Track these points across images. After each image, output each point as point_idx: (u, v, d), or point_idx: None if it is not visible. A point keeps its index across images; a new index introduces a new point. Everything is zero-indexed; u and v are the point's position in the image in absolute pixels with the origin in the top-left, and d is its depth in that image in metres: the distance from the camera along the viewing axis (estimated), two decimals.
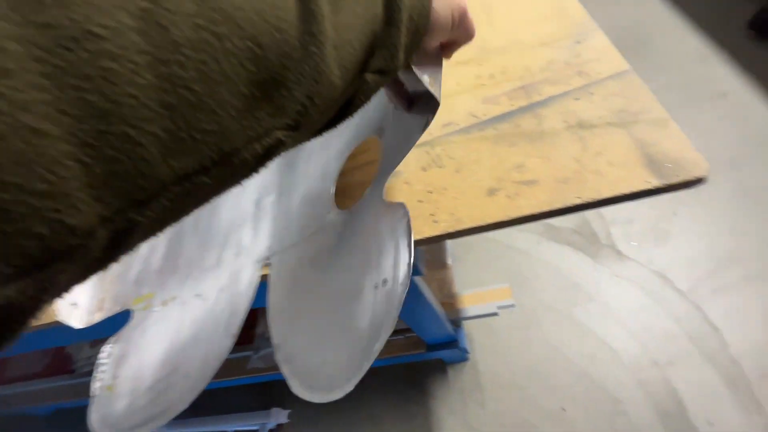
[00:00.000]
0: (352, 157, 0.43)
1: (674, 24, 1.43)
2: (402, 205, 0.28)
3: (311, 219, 0.40)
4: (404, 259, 0.26)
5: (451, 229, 0.36)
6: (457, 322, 0.88)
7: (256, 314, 1.00)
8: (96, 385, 0.38)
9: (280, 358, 0.32)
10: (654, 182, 0.32)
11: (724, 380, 0.83)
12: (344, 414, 1.03)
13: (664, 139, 0.34)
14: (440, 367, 1.03)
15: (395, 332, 0.91)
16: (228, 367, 0.97)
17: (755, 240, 0.97)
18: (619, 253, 1.06)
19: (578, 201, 0.34)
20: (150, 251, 0.48)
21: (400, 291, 0.25)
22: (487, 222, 0.35)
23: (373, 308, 0.26)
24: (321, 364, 0.28)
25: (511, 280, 1.09)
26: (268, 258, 0.41)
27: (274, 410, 1.04)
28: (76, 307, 0.45)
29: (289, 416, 1.05)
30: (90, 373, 0.41)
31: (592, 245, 1.09)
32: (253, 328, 1.00)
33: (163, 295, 0.43)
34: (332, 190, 0.40)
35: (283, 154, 0.46)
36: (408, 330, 0.88)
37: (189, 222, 0.49)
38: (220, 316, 0.40)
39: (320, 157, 0.44)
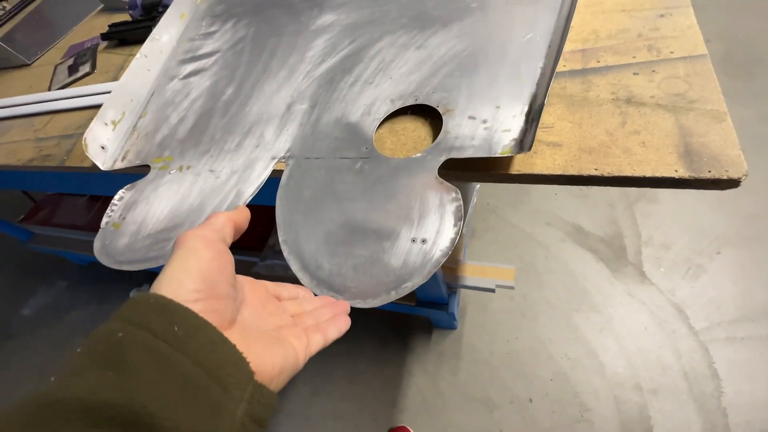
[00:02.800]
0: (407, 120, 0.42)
1: None
2: (455, 190, 0.33)
3: (343, 143, 0.41)
4: (449, 234, 0.32)
5: (457, 168, 0.36)
6: (453, 287, 0.89)
7: (271, 228, 1.06)
8: (105, 221, 0.43)
9: (287, 251, 0.36)
10: (681, 172, 0.30)
11: (704, 425, 0.80)
12: None
13: (711, 133, 0.31)
14: (426, 328, 1.06)
15: None
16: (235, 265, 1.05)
17: None
18: (642, 274, 1.00)
19: (594, 173, 0.32)
20: (179, 121, 0.51)
21: (439, 255, 0.31)
22: (495, 171, 0.35)
23: (407, 255, 0.32)
24: (335, 270, 0.34)
25: (522, 268, 1.08)
26: (284, 158, 0.43)
27: None
28: (104, 150, 0.49)
29: None
30: None
31: (617, 259, 1.04)
32: (266, 239, 1.06)
33: (181, 161, 0.47)
34: (374, 128, 0.41)
35: (326, 68, 0.50)
36: None
37: (220, 105, 0.51)
38: (227, 195, 0.42)
39: (367, 91, 0.45)
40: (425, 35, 0.47)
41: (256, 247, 1.05)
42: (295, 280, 0.35)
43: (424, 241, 0.32)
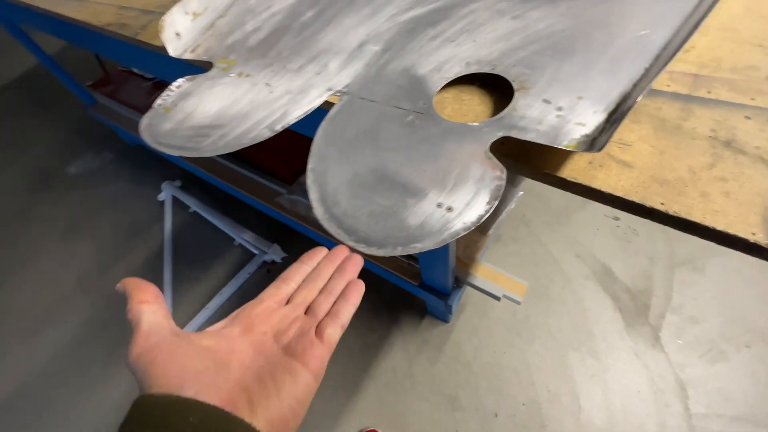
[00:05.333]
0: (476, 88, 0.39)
1: None
2: (502, 169, 0.31)
3: (403, 92, 0.39)
4: (479, 209, 0.30)
5: (511, 156, 0.33)
6: (460, 281, 0.88)
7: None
8: (158, 102, 0.44)
9: (311, 179, 0.35)
10: (758, 237, 0.26)
11: None
12: None
13: None
14: (420, 312, 1.06)
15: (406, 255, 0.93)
16: (260, 190, 1.07)
17: None
18: (657, 338, 0.95)
19: (660, 207, 0.29)
20: (253, 30, 0.50)
21: (459, 227, 0.29)
22: (551, 172, 0.32)
23: (427, 217, 0.30)
24: (350, 211, 0.32)
25: (535, 289, 1.04)
26: (340, 92, 0.42)
27: (275, 246, 1.15)
28: (179, 38, 0.49)
29: (283, 259, 1.16)
30: None
31: (637, 315, 0.98)
32: (299, 174, 1.07)
33: (243, 68, 0.46)
34: (438, 86, 0.39)
35: (412, 17, 0.47)
36: (416, 260, 0.89)
37: (297, 25, 0.50)
38: (274, 111, 0.42)
39: (445, 48, 0.42)
40: (526, 6, 0.43)
41: (288, 178, 1.07)
42: (312, 222, 0.34)
43: (450, 209, 0.30)
